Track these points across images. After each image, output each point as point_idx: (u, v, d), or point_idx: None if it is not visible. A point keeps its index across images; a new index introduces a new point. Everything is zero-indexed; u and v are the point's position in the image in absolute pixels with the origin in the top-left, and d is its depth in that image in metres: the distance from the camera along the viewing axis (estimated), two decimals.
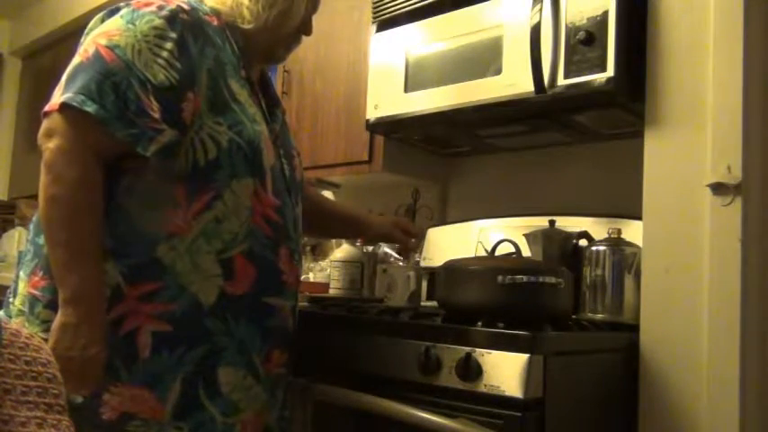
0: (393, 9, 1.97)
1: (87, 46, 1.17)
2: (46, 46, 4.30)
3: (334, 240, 2.40)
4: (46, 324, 1.12)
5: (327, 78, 2.34)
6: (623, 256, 1.55)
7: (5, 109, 4.68)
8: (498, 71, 1.67)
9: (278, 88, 2.51)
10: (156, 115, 1.13)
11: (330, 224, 1.73)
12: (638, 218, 1.48)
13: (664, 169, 1.43)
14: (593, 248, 1.59)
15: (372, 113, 1.99)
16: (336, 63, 2.31)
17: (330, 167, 2.30)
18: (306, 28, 1.42)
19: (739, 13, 1.34)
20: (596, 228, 1.71)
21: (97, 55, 1.14)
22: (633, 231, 1.56)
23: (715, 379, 1.30)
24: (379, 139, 2.13)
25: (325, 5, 2.36)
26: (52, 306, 1.12)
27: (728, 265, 1.31)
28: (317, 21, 2.38)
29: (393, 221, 1.69)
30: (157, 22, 1.18)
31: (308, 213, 1.55)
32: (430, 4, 1.87)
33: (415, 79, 1.88)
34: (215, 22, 1.28)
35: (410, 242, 1.70)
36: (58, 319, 1.09)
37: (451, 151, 2.25)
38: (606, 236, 1.60)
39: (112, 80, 1.12)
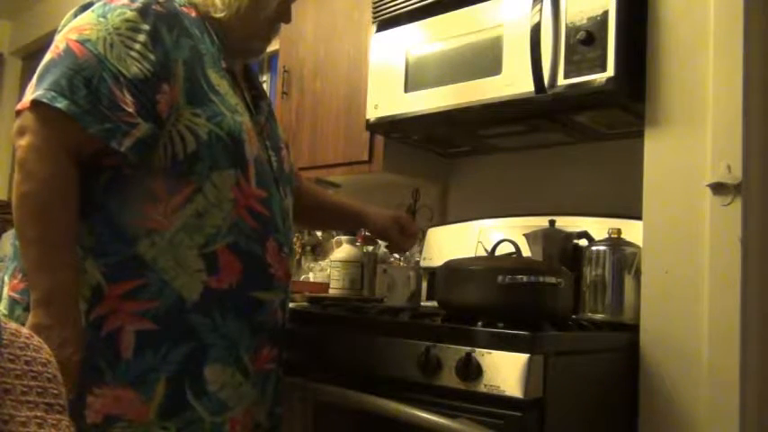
0: (393, 9, 1.97)
1: (58, 42, 1.15)
2: (46, 46, 4.29)
3: (333, 240, 2.40)
4: None
5: (327, 78, 2.34)
6: (623, 256, 1.55)
7: (5, 109, 4.68)
8: (498, 71, 1.67)
9: (278, 88, 2.51)
10: (130, 109, 1.11)
11: (328, 218, 1.72)
12: (638, 218, 1.48)
13: (664, 169, 1.43)
14: (593, 248, 1.59)
15: (372, 113, 1.99)
16: (336, 63, 2.31)
17: (330, 167, 2.30)
18: (284, 16, 1.40)
19: (739, 13, 1.34)
20: (596, 228, 1.71)
21: (68, 50, 1.12)
22: (633, 231, 1.56)
23: (715, 379, 1.30)
24: (379, 139, 2.13)
25: (325, 5, 2.38)
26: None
27: (728, 265, 1.31)
28: (316, 21, 2.40)
29: (392, 217, 1.64)
30: (129, 14, 1.16)
31: (305, 207, 1.54)
32: (430, 4, 1.87)
33: (415, 79, 1.88)
34: (193, 14, 1.27)
35: (405, 241, 1.66)
36: (29, 321, 1.06)
37: (451, 151, 2.25)
38: (606, 236, 1.60)
39: (83, 75, 1.10)
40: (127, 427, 1.11)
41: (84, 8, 1.21)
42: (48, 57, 1.15)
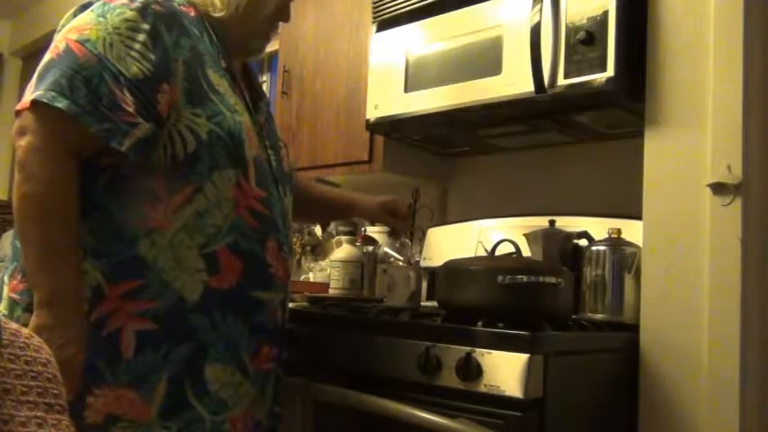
0: (393, 9, 1.97)
1: (58, 42, 1.15)
2: (46, 46, 4.29)
3: (334, 240, 2.40)
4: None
5: (327, 78, 2.34)
6: (623, 256, 1.55)
7: (5, 109, 4.67)
8: (498, 71, 1.67)
9: (278, 88, 2.51)
10: (131, 109, 1.11)
11: (320, 210, 1.72)
12: (638, 218, 1.48)
13: (664, 169, 1.43)
14: (593, 248, 1.59)
15: (372, 113, 1.99)
16: (336, 63, 2.31)
17: (330, 167, 2.30)
18: (283, 15, 1.40)
19: (739, 13, 1.34)
20: (596, 228, 1.71)
21: (68, 50, 1.12)
22: (633, 231, 1.56)
23: (715, 379, 1.30)
24: (379, 139, 2.13)
25: (326, 5, 2.38)
26: (31, 309, 1.09)
27: (728, 265, 1.31)
28: (316, 21, 2.40)
29: (380, 204, 1.65)
30: (129, 14, 1.16)
31: (298, 204, 1.54)
32: (430, 4, 1.87)
33: (415, 79, 1.88)
34: (192, 13, 1.27)
35: (399, 224, 1.67)
36: (32, 322, 1.06)
37: (451, 151, 2.25)
38: (606, 236, 1.60)
39: (84, 75, 1.09)
40: (128, 427, 1.11)
41: (84, 8, 1.21)
42: (47, 57, 1.14)
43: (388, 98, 1.94)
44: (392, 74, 1.93)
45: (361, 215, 1.71)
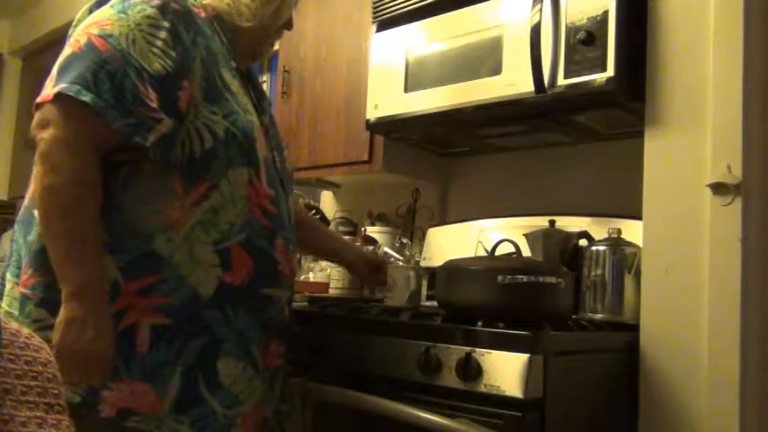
0: (393, 9, 1.97)
1: (78, 36, 1.15)
2: (46, 46, 4.30)
3: None
4: (37, 323, 1.10)
5: (327, 78, 2.34)
6: (623, 256, 1.55)
7: (5, 109, 4.68)
8: (498, 71, 1.67)
9: (278, 88, 2.51)
10: (154, 104, 1.12)
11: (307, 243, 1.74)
12: (638, 218, 1.48)
13: (664, 169, 1.43)
14: (593, 248, 1.59)
15: (372, 113, 1.99)
16: (336, 63, 2.31)
17: (330, 167, 2.30)
18: (289, 24, 1.44)
19: (739, 13, 1.34)
20: (596, 228, 1.71)
21: (90, 45, 1.12)
22: (633, 231, 1.56)
23: (715, 379, 1.30)
24: (379, 139, 2.13)
25: (326, 5, 2.38)
26: (44, 304, 1.11)
27: (728, 265, 1.31)
28: (317, 21, 2.40)
29: (367, 260, 1.72)
30: (149, 11, 1.17)
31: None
32: (430, 3, 1.87)
33: (415, 79, 1.88)
34: (203, 14, 1.28)
35: (374, 280, 1.74)
36: (62, 314, 1.07)
37: (451, 151, 2.25)
38: (606, 236, 1.60)
39: (108, 69, 1.10)
40: (141, 421, 1.12)
41: (100, 4, 1.22)
42: (68, 51, 1.15)
43: (388, 98, 1.94)
44: (392, 74, 1.93)
45: (342, 263, 1.78)
